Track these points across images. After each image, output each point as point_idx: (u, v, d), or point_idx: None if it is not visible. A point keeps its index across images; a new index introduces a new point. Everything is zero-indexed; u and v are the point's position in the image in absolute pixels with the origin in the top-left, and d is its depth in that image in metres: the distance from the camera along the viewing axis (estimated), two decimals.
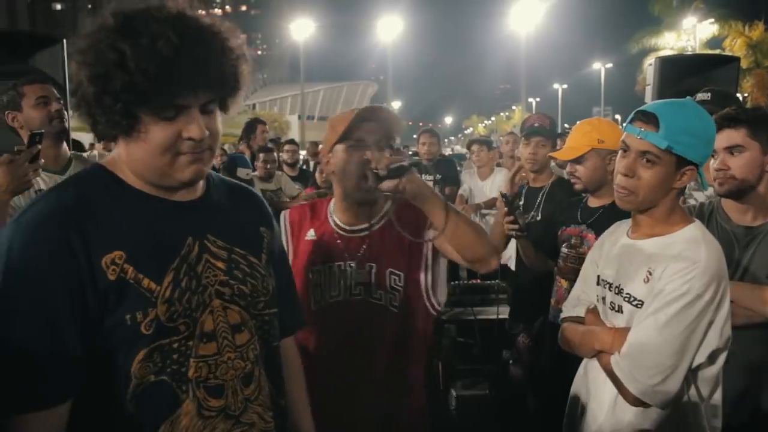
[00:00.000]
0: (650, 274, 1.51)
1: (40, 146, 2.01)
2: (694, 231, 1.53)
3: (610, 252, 1.69)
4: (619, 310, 1.60)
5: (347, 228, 1.75)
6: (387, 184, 1.49)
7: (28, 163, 1.97)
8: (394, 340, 1.70)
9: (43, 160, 2.08)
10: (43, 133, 2.08)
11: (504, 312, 3.25)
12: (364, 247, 1.71)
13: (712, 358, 1.49)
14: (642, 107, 1.55)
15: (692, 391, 1.51)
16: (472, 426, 3.32)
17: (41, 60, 3.20)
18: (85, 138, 7.67)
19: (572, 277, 2.24)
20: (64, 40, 3.33)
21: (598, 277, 1.71)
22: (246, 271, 1.18)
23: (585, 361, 1.73)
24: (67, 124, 2.42)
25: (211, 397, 1.09)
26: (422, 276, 1.72)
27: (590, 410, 1.66)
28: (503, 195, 2.56)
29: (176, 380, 1.05)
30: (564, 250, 2.27)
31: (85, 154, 2.64)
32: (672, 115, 1.48)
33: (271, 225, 1.33)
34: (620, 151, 1.57)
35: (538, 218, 3.02)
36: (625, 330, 1.54)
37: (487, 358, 3.59)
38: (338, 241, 1.74)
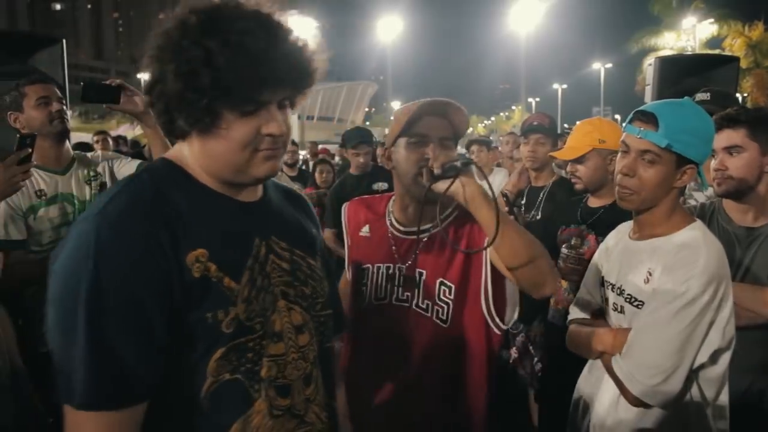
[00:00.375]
0: (650, 274, 1.51)
1: (30, 149, 2.00)
2: (694, 231, 1.52)
3: (613, 253, 1.70)
4: (621, 311, 1.60)
5: (402, 229, 1.64)
6: (439, 185, 1.42)
7: (16, 166, 1.96)
8: (443, 356, 1.56)
9: (35, 162, 2.08)
10: (35, 136, 2.08)
11: None
12: (417, 251, 1.60)
13: (714, 358, 1.48)
14: (641, 107, 1.56)
15: (695, 391, 1.50)
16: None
17: (41, 60, 3.21)
18: (80, 137, 7.64)
19: (572, 277, 2.24)
20: (64, 41, 3.33)
21: (603, 278, 1.71)
22: (306, 273, 1.19)
23: (590, 362, 1.73)
24: (68, 124, 2.41)
25: (279, 396, 1.09)
26: (481, 290, 1.55)
27: (593, 410, 1.66)
28: (504, 194, 2.57)
29: (249, 379, 1.05)
30: (564, 250, 2.27)
31: (89, 155, 2.63)
32: (671, 115, 1.49)
33: (318, 228, 1.33)
34: (620, 152, 1.58)
35: (538, 217, 3.02)
36: (626, 331, 1.54)
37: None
38: (391, 241, 1.64)
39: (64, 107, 2.40)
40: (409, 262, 1.60)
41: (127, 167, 2.56)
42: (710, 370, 1.50)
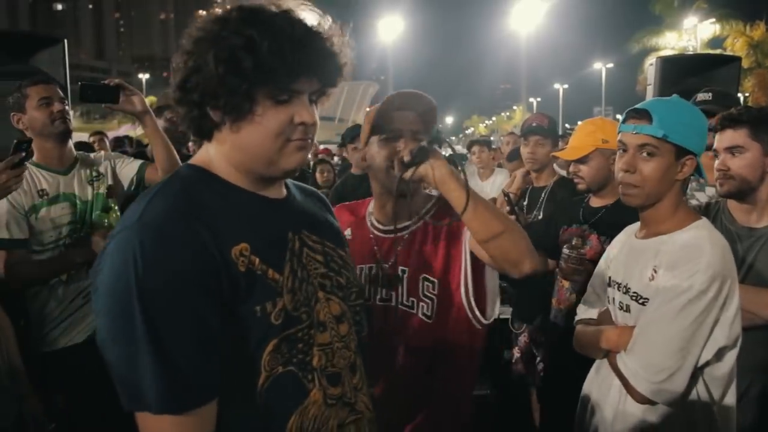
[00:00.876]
0: (655, 272, 1.51)
1: (24, 154, 2.03)
2: (699, 229, 1.52)
3: (620, 253, 1.71)
4: (627, 309, 1.60)
5: (382, 228, 1.66)
6: (408, 172, 1.42)
7: (10, 170, 1.99)
8: (430, 353, 1.56)
9: (27, 166, 2.11)
10: (31, 141, 2.10)
11: (506, 312, 3.24)
12: (398, 249, 1.61)
13: (720, 356, 1.48)
14: (633, 107, 1.58)
15: (702, 390, 1.50)
16: (473, 425, 3.32)
17: (42, 60, 3.21)
18: (82, 137, 7.59)
19: (574, 277, 2.24)
20: (65, 41, 3.33)
21: (609, 278, 1.71)
22: (340, 263, 1.22)
23: (597, 362, 1.73)
24: (70, 125, 2.41)
25: (331, 385, 1.11)
26: (461, 285, 1.55)
27: (601, 411, 1.66)
28: (505, 194, 2.57)
29: (302, 370, 1.06)
30: (565, 250, 2.27)
31: (91, 155, 2.63)
32: (663, 109, 1.52)
33: (338, 221, 1.37)
34: (618, 152, 1.59)
35: (540, 217, 3.01)
36: (631, 328, 1.54)
37: (488, 358, 3.59)
38: (373, 241, 1.65)
39: (66, 107, 2.40)
40: (391, 261, 1.60)
41: (129, 167, 2.56)
42: (716, 369, 1.49)
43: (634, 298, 1.57)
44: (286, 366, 1.04)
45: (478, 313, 1.57)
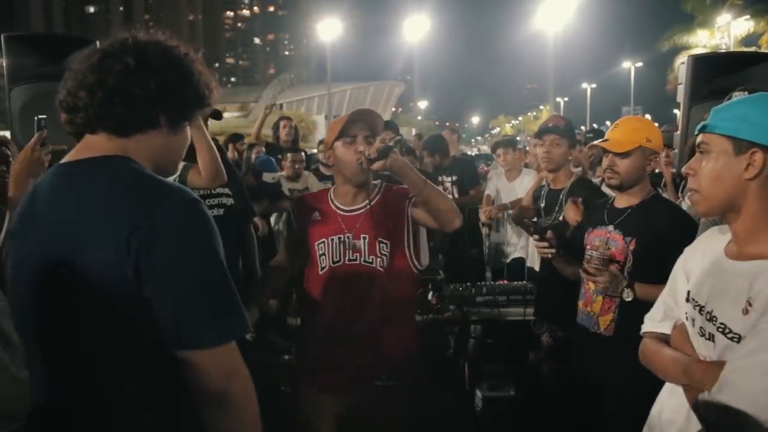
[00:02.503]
0: (750, 304, 1.26)
1: (45, 130, 2.05)
2: None
3: (703, 266, 1.45)
4: (711, 338, 1.37)
5: (345, 209, 2.21)
6: (377, 164, 2.00)
7: (40, 147, 2.03)
8: (382, 296, 2.14)
9: (51, 147, 2.11)
10: (45, 118, 2.11)
11: (531, 313, 3.22)
12: (359, 223, 2.17)
13: None
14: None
15: None
16: (497, 427, 3.30)
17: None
18: None
19: (597, 278, 2.21)
20: (97, 42, 3.40)
21: (688, 292, 1.47)
22: None
23: (671, 385, 1.52)
24: None
25: None
26: (405, 243, 2.17)
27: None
28: (528, 221, 2.60)
29: None
30: (588, 252, 2.25)
31: None
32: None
33: None
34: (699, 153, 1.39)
35: (561, 218, 2.98)
36: (718, 365, 1.30)
37: (514, 359, 3.56)
38: (339, 218, 2.19)
39: None
40: (354, 232, 2.16)
41: None
42: None
43: (721, 330, 1.33)
44: None
45: (416, 261, 2.20)
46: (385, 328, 2.16)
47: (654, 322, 1.61)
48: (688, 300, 1.47)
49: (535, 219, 3.00)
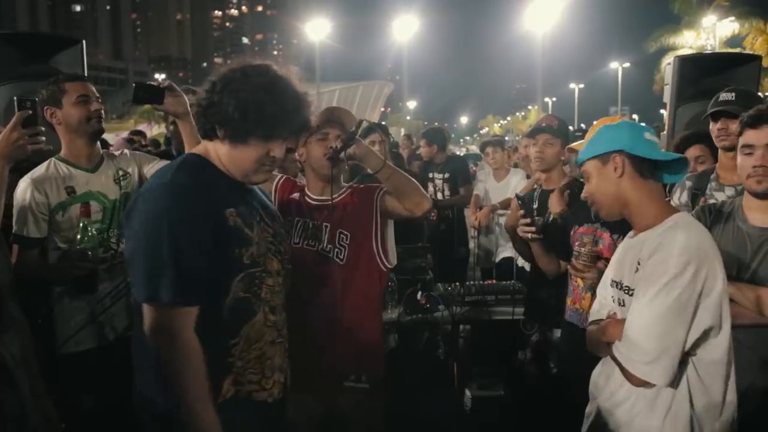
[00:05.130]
0: (639, 264, 1.63)
1: (30, 111, 1.95)
2: (675, 218, 1.64)
3: (617, 254, 1.83)
4: (623, 303, 1.70)
5: (315, 198, 2.29)
6: (343, 152, 2.09)
7: (22, 129, 1.92)
8: (341, 288, 2.16)
9: (43, 128, 2.02)
10: (35, 101, 2.02)
11: (520, 312, 3.23)
12: (324, 212, 2.24)
13: (708, 339, 1.55)
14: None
15: (692, 374, 1.57)
16: (487, 427, 3.31)
17: (61, 61, 3.24)
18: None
19: (586, 275, 2.22)
20: (83, 42, 3.37)
21: (611, 279, 1.80)
22: (280, 237, 1.78)
23: (603, 359, 1.77)
24: (103, 125, 2.41)
25: (271, 314, 1.68)
26: (372, 238, 2.19)
27: (600, 396, 1.75)
28: (518, 197, 2.55)
29: (255, 298, 1.62)
30: (576, 249, 2.26)
31: (116, 153, 2.63)
32: None
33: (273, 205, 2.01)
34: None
35: (551, 219, 2.98)
36: (624, 319, 1.63)
37: (503, 359, 3.57)
38: (306, 206, 2.29)
39: (102, 108, 2.41)
40: (317, 221, 2.23)
41: (157, 168, 2.53)
42: (706, 353, 1.56)
43: (626, 291, 1.68)
44: (245, 293, 1.59)
45: (384, 259, 2.21)
46: (344, 322, 2.14)
47: (593, 314, 1.87)
48: (612, 285, 1.79)
49: (525, 198, 2.97)
